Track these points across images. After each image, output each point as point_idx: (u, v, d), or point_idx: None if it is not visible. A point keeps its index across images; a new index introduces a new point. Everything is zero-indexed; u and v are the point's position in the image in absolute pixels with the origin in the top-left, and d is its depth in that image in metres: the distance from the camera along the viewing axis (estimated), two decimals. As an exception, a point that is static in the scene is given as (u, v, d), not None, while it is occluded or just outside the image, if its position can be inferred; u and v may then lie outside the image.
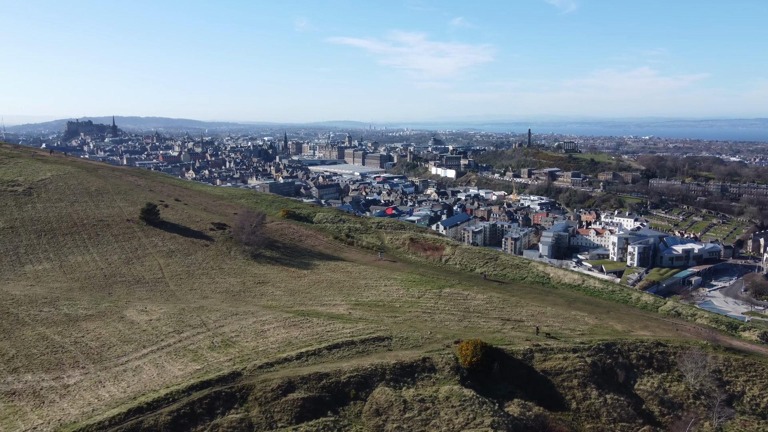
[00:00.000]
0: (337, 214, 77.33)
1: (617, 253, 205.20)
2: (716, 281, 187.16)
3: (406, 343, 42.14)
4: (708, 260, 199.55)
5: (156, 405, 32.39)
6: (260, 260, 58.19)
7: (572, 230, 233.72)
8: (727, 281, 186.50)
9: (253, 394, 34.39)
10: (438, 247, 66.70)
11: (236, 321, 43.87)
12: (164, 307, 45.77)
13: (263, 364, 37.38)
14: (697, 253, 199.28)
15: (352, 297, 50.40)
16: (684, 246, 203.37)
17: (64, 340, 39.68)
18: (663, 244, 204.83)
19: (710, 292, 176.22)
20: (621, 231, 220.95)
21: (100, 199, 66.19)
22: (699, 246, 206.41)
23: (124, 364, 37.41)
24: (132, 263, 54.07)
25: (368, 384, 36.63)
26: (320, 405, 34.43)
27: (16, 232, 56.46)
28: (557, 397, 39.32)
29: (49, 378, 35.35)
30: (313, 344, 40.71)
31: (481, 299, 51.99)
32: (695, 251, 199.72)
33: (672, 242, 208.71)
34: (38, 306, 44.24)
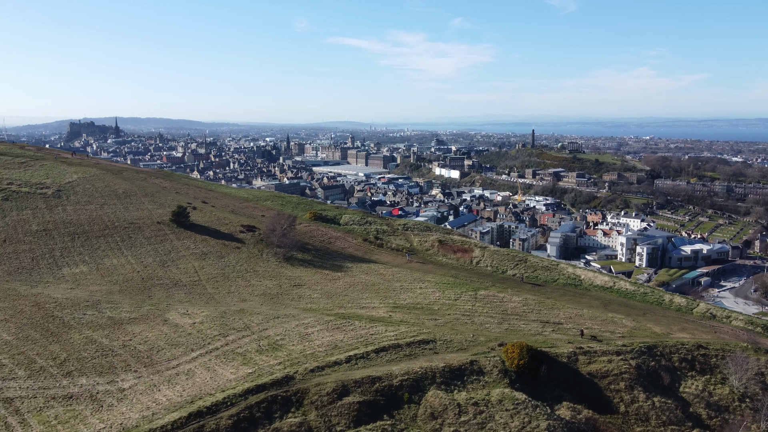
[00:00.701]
0: (363, 216, 77.43)
1: (625, 254, 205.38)
2: (725, 282, 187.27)
3: (451, 346, 42.23)
4: (716, 261, 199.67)
5: (215, 409, 32.46)
6: (293, 263, 58.27)
7: (579, 231, 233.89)
8: (737, 282, 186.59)
9: (308, 398, 34.45)
10: (467, 249, 66.79)
11: (279, 324, 43.93)
12: (205, 310, 45.85)
13: (314, 367, 37.45)
14: (705, 253, 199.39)
15: (389, 300, 50.49)
16: (692, 246, 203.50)
17: (112, 344, 39.74)
18: (671, 245, 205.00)
19: (720, 292, 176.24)
20: (628, 232, 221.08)
21: (129, 201, 66.23)
22: (707, 246, 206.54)
23: (176, 368, 37.47)
24: (167, 266, 54.13)
25: (420, 387, 36.72)
26: (375, 409, 34.52)
27: (50, 235, 56.49)
28: (605, 400, 39.40)
29: (104, 382, 35.43)
30: (360, 347, 40.79)
31: (517, 301, 52.09)
32: (704, 252, 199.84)
33: (680, 243, 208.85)
34: (81, 309, 44.30)
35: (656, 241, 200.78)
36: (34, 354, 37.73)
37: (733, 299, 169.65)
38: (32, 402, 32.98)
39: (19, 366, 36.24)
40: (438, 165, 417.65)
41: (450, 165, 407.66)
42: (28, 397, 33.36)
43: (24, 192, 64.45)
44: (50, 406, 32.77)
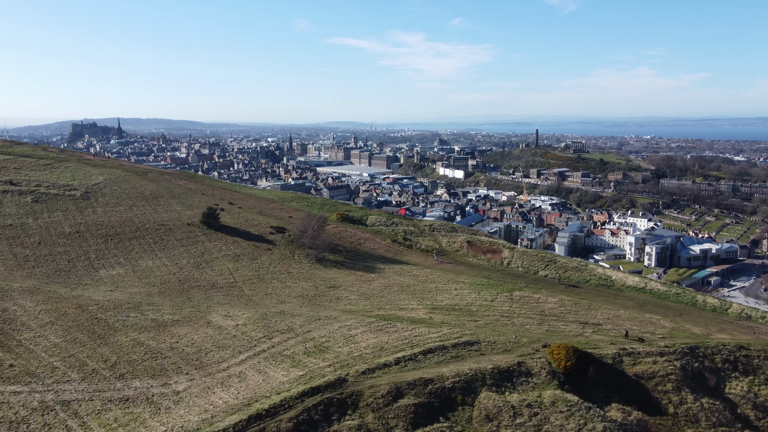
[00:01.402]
0: (389, 217, 77.47)
1: (634, 254, 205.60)
2: (734, 281, 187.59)
3: (496, 348, 42.26)
4: (725, 260, 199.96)
5: (274, 412, 32.47)
6: (325, 264, 58.31)
7: (587, 231, 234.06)
8: (746, 281, 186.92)
9: (363, 401, 34.44)
10: (496, 250, 66.84)
11: (322, 326, 43.95)
12: (246, 312, 45.86)
13: (365, 369, 37.45)
14: (714, 253, 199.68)
15: (427, 301, 50.52)
16: (701, 246, 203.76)
17: (159, 346, 39.75)
18: (680, 245, 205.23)
19: (730, 292, 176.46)
20: (636, 231, 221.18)
21: (157, 203, 66.23)
22: (716, 246, 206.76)
23: (227, 370, 37.49)
24: (202, 268, 54.13)
25: (472, 389, 36.74)
26: (431, 411, 34.54)
27: (83, 237, 56.46)
28: (653, 402, 39.40)
29: (157, 384, 35.42)
30: (406, 349, 40.82)
31: (553, 302, 52.14)
32: (713, 251, 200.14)
33: (689, 242, 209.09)
34: (124, 311, 44.30)
35: (665, 241, 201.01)
36: (84, 356, 37.73)
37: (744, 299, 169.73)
38: (89, 405, 32.98)
39: (72, 369, 36.24)
40: (442, 165, 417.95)
41: (454, 165, 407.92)
42: (84, 400, 33.35)
43: (53, 194, 64.46)
44: (108, 409, 32.77)
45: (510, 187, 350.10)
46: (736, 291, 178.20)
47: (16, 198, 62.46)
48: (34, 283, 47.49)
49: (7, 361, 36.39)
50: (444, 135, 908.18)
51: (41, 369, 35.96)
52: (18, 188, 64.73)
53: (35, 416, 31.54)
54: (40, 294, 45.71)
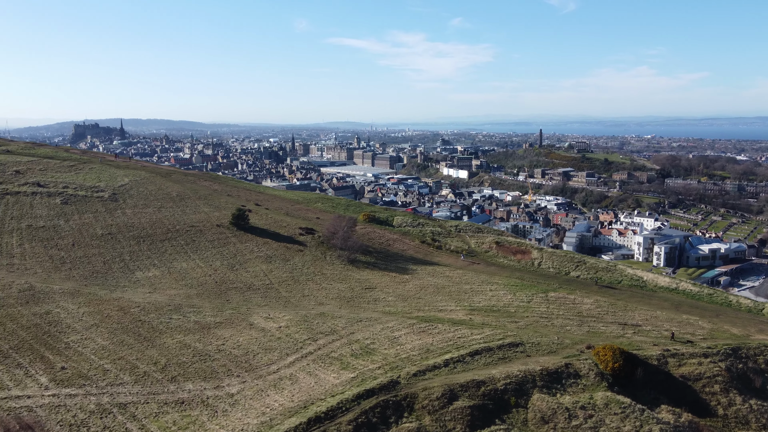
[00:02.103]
0: (414, 218, 77.37)
1: (643, 254, 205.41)
2: (744, 281, 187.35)
3: (541, 349, 42.18)
4: (734, 260, 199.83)
5: (332, 414, 32.39)
6: (357, 265, 58.23)
7: (594, 230, 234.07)
8: (755, 281, 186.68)
9: (418, 403, 34.37)
10: (525, 251, 66.75)
11: (364, 328, 43.88)
12: (286, 314, 45.79)
13: (416, 371, 37.38)
14: (723, 252, 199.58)
15: (464, 302, 50.44)
16: (710, 246, 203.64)
17: (206, 348, 39.67)
18: (689, 244, 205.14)
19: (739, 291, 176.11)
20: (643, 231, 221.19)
21: (184, 204, 66.11)
22: (725, 246, 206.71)
23: (277, 372, 37.40)
24: (236, 269, 54.03)
25: (523, 391, 36.67)
26: (486, 413, 34.46)
27: (116, 238, 56.34)
28: (702, 403, 39.35)
29: (210, 387, 35.33)
30: (452, 351, 40.76)
31: (589, 303, 52.08)
32: (722, 251, 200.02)
33: (697, 242, 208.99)
34: (166, 313, 44.21)
35: (674, 241, 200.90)
36: (133, 359, 37.64)
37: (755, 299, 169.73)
38: (146, 408, 32.88)
39: (123, 371, 36.15)
40: (445, 165, 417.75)
41: (458, 165, 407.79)
42: (140, 403, 33.26)
43: (81, 195, 64.29)
44: (165, 412, 32.68)
45: (514, 187, 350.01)
46: (746, 291, 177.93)
47: (46, 200, 62.33)
48: (73, 285, 47.37)
49: (58, 364, 36.31)
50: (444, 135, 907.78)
51: (93, 371, 35.86)
52: (46, 190, 64.60)
53: (94, 419, 31.44)
54: (81, 296, 45.61)
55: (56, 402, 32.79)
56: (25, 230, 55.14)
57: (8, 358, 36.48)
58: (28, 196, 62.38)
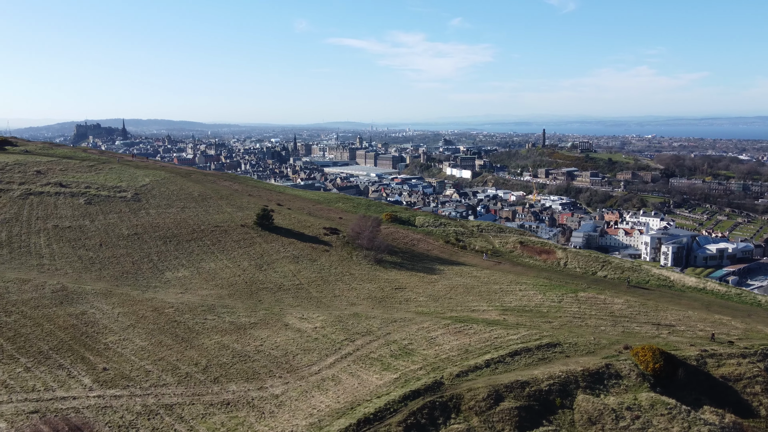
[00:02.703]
0: (436, 218, 77.16)
1: (650, 253, 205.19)
2: (752, 281, 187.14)
3: (579, 350, 41.98)
4: (741, 259, 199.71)
5: (381, 416, 32.18)
6: (384, 265, 58.01)
7: (600, 230, 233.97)
8: (763, 280, 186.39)
9: (465, 404, 34.15)
10: (549, 251, 66.57)
11: (400, 328, 43.66)
12: (320, 314, 45.58)
13: (458, 372, 37.19)
14: (731, 252, 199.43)
15: (495, 302, 50.24)
16: (717, 245, 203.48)
17: (245, 349, 39.46)
18: (696, 244, 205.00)
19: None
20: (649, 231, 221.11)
21: (207, 204, 65.86)
22: (732, 245, 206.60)
23: (319, 373, 37.19)
24: (264, 269, 53.80)
25: (568, 392, 36.46)
26: (533, 414, 34.25)
27: (142, 239, 56.09)
28: (744, 404, 39.14)
29: (254, 388, 35.12)
30: (491, 351, 40.56)
31: (620, 303, 51.89)
32: (729, 250, 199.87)
33: (704, 241, 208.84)
34: (200, 314, 44.00)
35: (681, 240, 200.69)
36: (174, 360, 37.42)
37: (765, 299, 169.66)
38: (192, 409, 32.66)
39: (165, 372, 35.93)
40: (449, 165, 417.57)
41: (461, 165, 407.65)
42: (186, 404, 33.05)
43: (104, 195, 64.04)
44: (211, 413, 32.46)
45: (518, 186, 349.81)
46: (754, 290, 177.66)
47: (69, 200, 62.08)
48: (104, 285, 47.13)
49: (99, 365, 36.09)
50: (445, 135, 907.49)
51: (135, 372, 35.65)
52: (69, 190, 64.37)
53: (142, 420, 31.22)
54: (114, 297, 45.39)
55: (102, 403, 32.57)
56: (51, 230, 54.92)
57: (49, 359, 36.27)
58: (52, 197, 62.16)
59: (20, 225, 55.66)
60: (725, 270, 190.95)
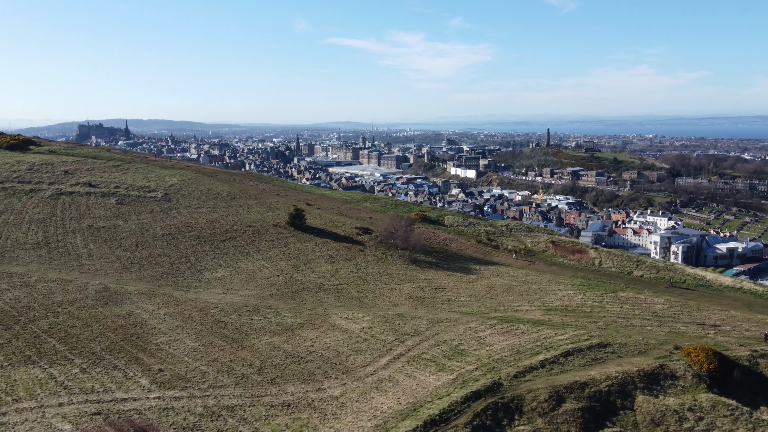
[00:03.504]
0: (465, 217, 76.83)
1: (659, 253, 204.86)
2: (763, 280, 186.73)
3: (630, 350, 41.66)
4: (751, 259, 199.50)
5: (446, 417, 31.86)
6: (420, 265, 57.69)
7: (609, 230, 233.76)
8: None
9: (527, 405, 33.81)
10: (581, 250, 66.28)
11: (447, 328, 43.34)
12: (365, 315, 45.25)
13: (515, 373, 36.87)
14: (740, 251, 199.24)
15: (537, 302, 49.92)
16: (727, 245, 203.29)
17: (296, 350, 39.12)
18: (706, 243, 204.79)
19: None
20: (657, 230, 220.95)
21: (237, 204, 65.50)
22: (742, 244, 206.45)
23: (375, 374, 36.85)
24: (302, 269, 53.43)
25: (626, 392, 36.14)
26: (595, 415, 33.92)
27: (177, 239, 55.71)
28: (800, 404, 38.77)
29: (312, 389, 34.77)
30: (543, 352, 40.24)
31: (661, 303, 51.59)
32: (739, 250, 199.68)
33: (714, 241, 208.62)
34: (245, 314, 43.66)
35: (691, 240, 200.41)
36: (227, 361, 37.08)
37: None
38: (254, 410, 32.32)
39: (221, 373, 35.60)
40: (453, 165, 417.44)
41: (465, 165, 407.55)
42: (247, 406, 32.71)
43: (134, 195, 63.67)
44: (273, 414, 32.11)
45: (523, 186, 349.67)
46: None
47: (100, 200, 61.70)
48: (146, 285, 46.76)
49: (154, 366, 35.75)
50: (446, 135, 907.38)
51: (191, 373, 35.31)
52: (99, 190, 64.00)
53: (205, 422, 30.87)
54: (157, 297, 45.04)
55: (163, 405, 32.23)
56: (86, 230, 54.51)
57: (103, 360, 35.93)
58: (83, 197, 61.78)
59: (55, 225, 55.29)
60: (736, 269, 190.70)
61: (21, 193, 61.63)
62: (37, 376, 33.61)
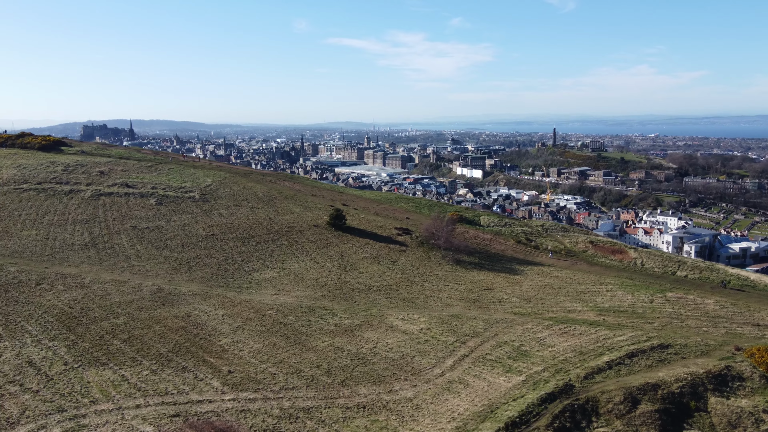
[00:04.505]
0: (500, 218, 76.60)
1: (672, 252, 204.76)
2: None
3: (692, 351, 41.37)
4: (764, 258, 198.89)
5: (525, 419, 31.61)
6: (464, 266, 57.42)
7: (619, 229, 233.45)
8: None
9: (603, 407, 33.53)
10: (621, 251, 66.05)
11: (505, 329, 43.08)
12: (420, 315, 45.00)
13: (585, 374, 36.61)
14: (753, 251, 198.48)
15: (588, 303, 49.66)
16: (740, 244, 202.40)
17: (360, 351, 38.86)
18: (718, 243, 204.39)
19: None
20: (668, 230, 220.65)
21: (274, 204, 65.21)
22: (755, 244, 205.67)
23: (443, 376, 36.59)
24: (348, 270, 53.15)
25: (698, 394, 35.87)
26: (671, 417, 33.66)
27: (220, 240, 55.44)
28: None
29: (384, 391, 34.51)
30: (606, 353, 39.96)
31: (711, 303, 51.31)
32: (752, 249, 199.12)
33: (726, 240, 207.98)
34: (301, 316, 43.40)
35: (704, 239, 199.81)
36: (294, 362, 36.82)
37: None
38: (329, 412, 32.06)
39: (290, 375, 35.35)
40: (459, 165, 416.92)
41: (471, 165, 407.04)
42: (322, 408, 32.45)
43: (172, 196, 63.41)
44: (350, 417, 31.86)
45: (531, 186, 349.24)
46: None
47: (140, 201, 61.42)
48: (198, 286, 46.49)
49: (223, 367, 35.50)
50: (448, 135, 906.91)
51: (260, 375, 35.07)
52: (137, 191, 63.72)
53: (284, 424, 30.62)
54: (211, 298, 44.79)
55: (238, 406, 31.99)
56: (131, 231, 54.24)
57: (171, 362, 35.68)
58: (122, 197, 61.49)
59: (99, 226, 55.02)
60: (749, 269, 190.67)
61: (61, 194, 61.39)
62: (109, 378, 33.37)
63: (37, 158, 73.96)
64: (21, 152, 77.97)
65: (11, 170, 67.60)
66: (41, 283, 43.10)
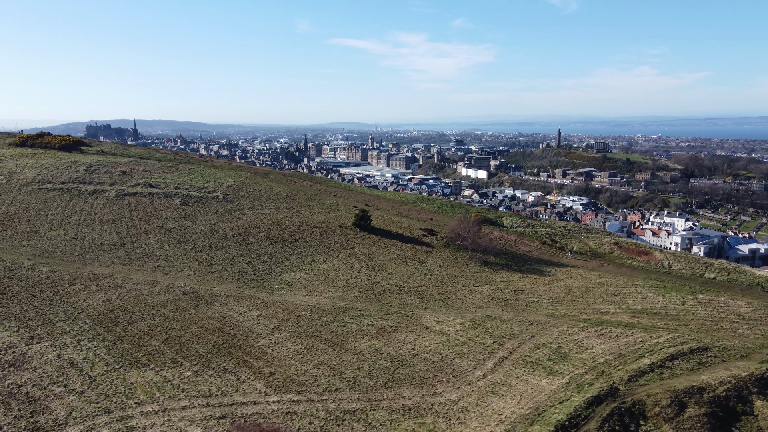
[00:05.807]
0: (522, 219, 76.27)
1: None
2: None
3: (731, 354, 41.04)
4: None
5: (575, 423, 31.29)
6: (491, 267, 57.09)
7: (627, 231, 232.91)
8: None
9: (649, 410, 33.21)
10: (647, 252, 65.70)
11: (541, 331, 42.77)
12: (454, 317, 44.70)
13: (628, 377, 36.29)
14: (762, 253, 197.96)
15: (620, 305, 49.34)
16: (749, 246, 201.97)
17: (399, 353, 38.57)
18: (726, 244, 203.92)
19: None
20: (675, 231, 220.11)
21: (297, 205, 64.92)
22: (764, 246, 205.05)
23: (485, 378, 36.28)
24: (377, 271, 52.84)
25: (743, 397, 35.56)
26: (719, 421, 33.36)
27: (248, 240, 55.16)
28: None
29: (427, 393, 34.21)
30: (646, 355, 39.65)
31: (743, 306, 50.98)
32: (761, 251, 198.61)
33: (735, 242, 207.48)
34: (336, 317, 43.11)
35: (712, 241, 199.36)
36: (334, 364, 36.53)
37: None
38: (376, 414, 31.76)
39: (332, 377, 35.05)
40: (463, 165, 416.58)
41: (476, 165, 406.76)
42: (368, 410, 32.15)
43: (196, 196, 63.15)
44: (397, 419, 31.54)
45: (536, 187, 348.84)
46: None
47: (164, 201, 61.17)
48: (230, 287, 46.20)
49: (264, 369, 35.22)
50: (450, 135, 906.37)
51: (302, 377, 34.78)
52: (161, 191, 63.48)
53: (332, 426, 30.33)
54: (244, 299, 44.51)
55: (284, 409, 31.70)
56: (158, 232, 53.96)
57: (211, 363, 35.41)
58: (146, 197, 61.24)
59: (126, 226, 54.75)
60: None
61: (85, 194, 61.16)
62: (151, 379, 33.10)
63: (59, 158, 73.75)
64: (41, 152, 77.85)
65: (34, 170, 67.40)
66: (74, 284, 42.83)
